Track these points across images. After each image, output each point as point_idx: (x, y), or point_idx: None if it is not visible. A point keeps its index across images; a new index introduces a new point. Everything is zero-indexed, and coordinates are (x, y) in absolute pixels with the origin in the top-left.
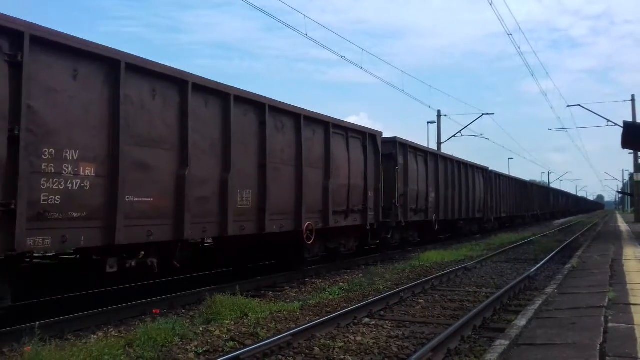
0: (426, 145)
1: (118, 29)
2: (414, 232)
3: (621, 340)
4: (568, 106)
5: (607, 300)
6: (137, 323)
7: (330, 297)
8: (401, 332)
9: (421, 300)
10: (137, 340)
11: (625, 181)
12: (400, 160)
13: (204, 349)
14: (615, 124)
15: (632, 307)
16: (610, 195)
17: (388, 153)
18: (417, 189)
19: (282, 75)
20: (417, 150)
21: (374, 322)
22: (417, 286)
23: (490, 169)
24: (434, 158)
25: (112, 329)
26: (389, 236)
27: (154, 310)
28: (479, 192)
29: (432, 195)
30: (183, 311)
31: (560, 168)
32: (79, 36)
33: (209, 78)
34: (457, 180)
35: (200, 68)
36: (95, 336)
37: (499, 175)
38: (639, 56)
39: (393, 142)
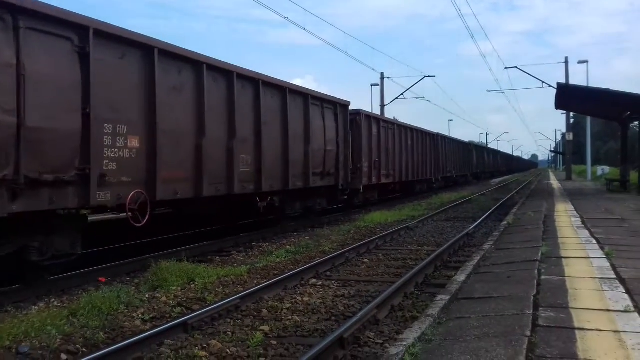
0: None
1: None
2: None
3: (553, 291)
4: (506, 68)
5: (540, 254)
6: (80, 292)
7: (278, 260)
8: (347, 292)
9: (366, 260)
10: (81, 309)
11: (557, 141)
12: None
13: (151, 316)
14: (550, 86)
15: (563, 260)
16: (544, 154)
17: None
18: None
19: (223, 37)
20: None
21: (320, 283)
22: (362, 246)
23: (360, 109)
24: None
25: (54, 299)
26: None
27: (99, 279)
28: (320, 145)
29: (133, 143)
30: (128, 279)
31: (498, 129)
32: None
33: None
34: (251, 116)
35: (136, 28)
36: (36, 307)
37: (376, 120)
38: (572, 19)
39: None
